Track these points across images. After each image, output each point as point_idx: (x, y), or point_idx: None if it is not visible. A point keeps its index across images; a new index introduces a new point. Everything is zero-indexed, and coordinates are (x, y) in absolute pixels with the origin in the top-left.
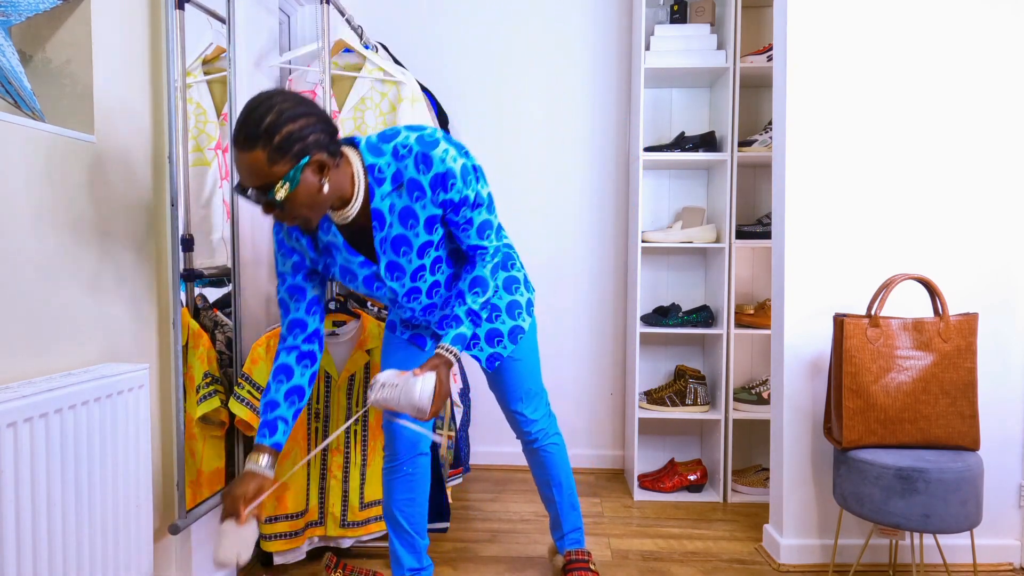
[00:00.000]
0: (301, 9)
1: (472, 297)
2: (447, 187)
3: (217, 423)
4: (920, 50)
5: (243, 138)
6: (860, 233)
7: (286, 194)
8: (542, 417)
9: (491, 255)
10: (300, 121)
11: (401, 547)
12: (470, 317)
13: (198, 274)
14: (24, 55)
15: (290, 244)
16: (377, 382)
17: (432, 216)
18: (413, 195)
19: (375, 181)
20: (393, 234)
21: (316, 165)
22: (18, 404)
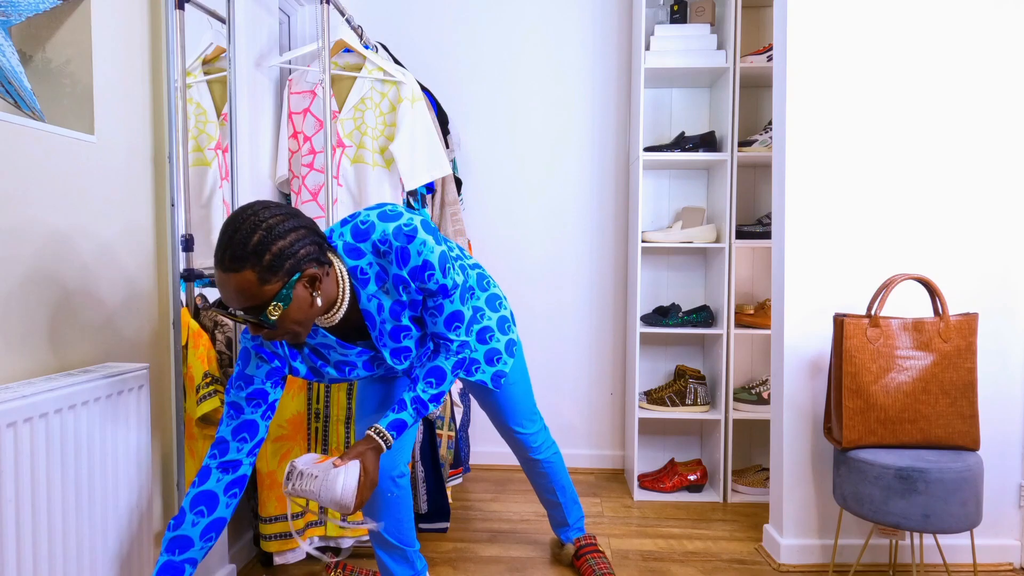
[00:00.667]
0: (301, 9)
1: (424, 385)
2: (424, 278)
3: (217, 423)
4: (920, 50)
5: (229, 259)
6: (860, 233)
7: (280, 313)
8: (539, 431)
9: (455, 351)
10: (290, 236)
11: (392, 562)
12: (415, 406)
13: (198, 274)
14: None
15: (270, 350)
16: (295, 470)
17: (416, 301)
18: (399, 288)
19: (359, 283)
20: (389, 328)
21: (308, 279)
22: (18, 404)
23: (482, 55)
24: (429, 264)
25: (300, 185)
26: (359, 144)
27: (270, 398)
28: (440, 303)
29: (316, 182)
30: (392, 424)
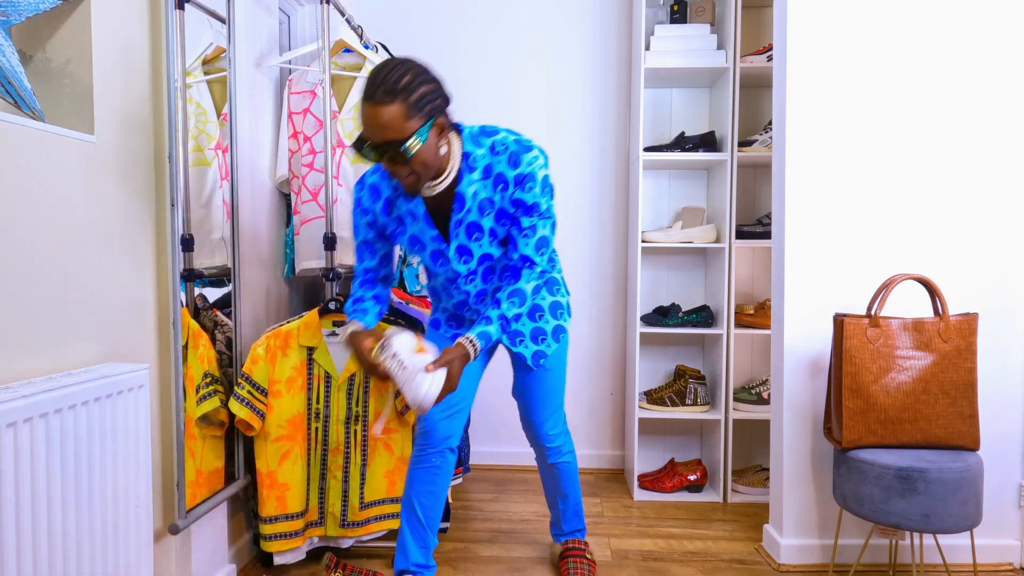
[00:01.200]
0: (301, 9)
1: (508, 305)
2: (524, 187)
3: (217, 423)
4: (920, 50)
5: (382, 93)
6: (860, 233)
7: (417, 147)
8: (560, 434)
9: (537, 274)
10: (432, 85)
11: (412, 539)
12: (500, 322)
13: (198, 274)
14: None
15: (366, 205)
16: (390, 347)
17: (504, 210)
18: (497, 187)
19: (467, 167)
20: (469, 219)
21: (439, 127)
22: (18, 404)
23: (482, 55)
24: (533, 176)
25: (300, 185)
26: None
27: (377, 250)
28: (534, 223)
29: (316, 182)
30: (480, 335)
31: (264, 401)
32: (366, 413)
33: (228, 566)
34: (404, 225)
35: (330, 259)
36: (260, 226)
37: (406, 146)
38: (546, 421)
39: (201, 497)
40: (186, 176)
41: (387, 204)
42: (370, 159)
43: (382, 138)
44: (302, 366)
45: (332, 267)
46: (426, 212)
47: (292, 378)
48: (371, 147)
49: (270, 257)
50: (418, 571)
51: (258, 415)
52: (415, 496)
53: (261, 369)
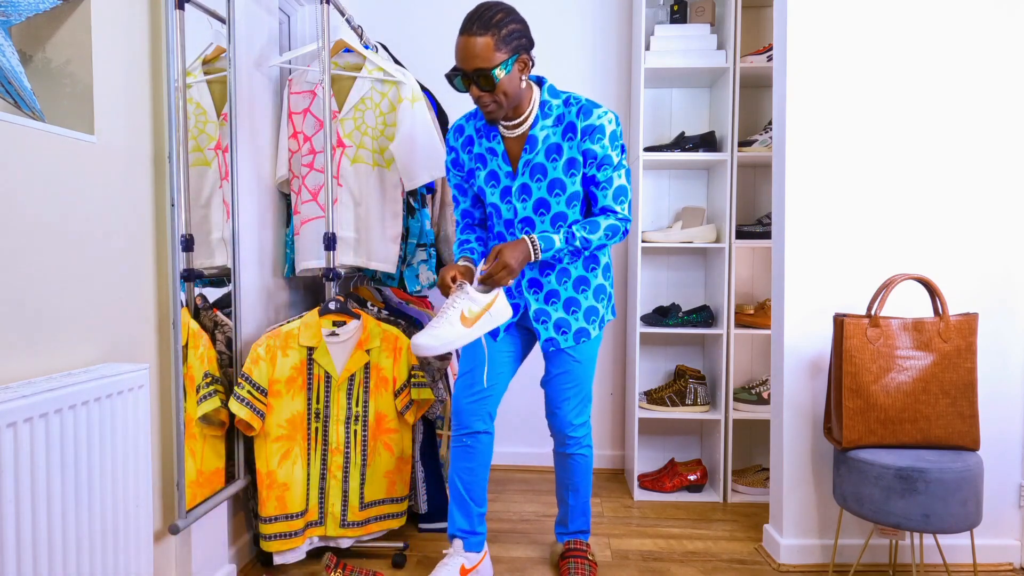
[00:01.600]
0: (301, 9)
1: (580, 227)
2: (593, 138)
3: (217, 423)
4: (920, 50)
5: (477, 26)
6: (860, 233)
7: (502, 77)
8: (583, 424)
9: (617, 218)
10: (519, 25)
11: (456, 509)
12: (567, 236)
13: (198, 274)
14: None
15: (452, 143)
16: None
17: (572, 159)
18: (566, 135)
19: (542, 114)
20: (536, 160)
21: (522, 63)
22: (18, 404)
23: None
24: (603, 129)
25: (300, 185)
26: (359, 144)
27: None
28: (610, 176)
29: (316, 182)
30: (543, 237)
31: (264, 401)
32: (366, 413)
33: (228, 566)
34: (484, 162)
35: (330, 259)
36: (260, 226)
37: (493, 72)
38: (572, 409)
39: (201, 497)
40: (186, 176)
41: (468, 141)
42: (458, 88)
43: (473, 66)
44: (302, 366)
45: (332, 267)
46: (505, 150)
47: (292, 378)
48: (462, 75)
49: (270, 257)
50: (464, 536)
51: (258, 415)
52: (454, 472)
53: (261, 369)
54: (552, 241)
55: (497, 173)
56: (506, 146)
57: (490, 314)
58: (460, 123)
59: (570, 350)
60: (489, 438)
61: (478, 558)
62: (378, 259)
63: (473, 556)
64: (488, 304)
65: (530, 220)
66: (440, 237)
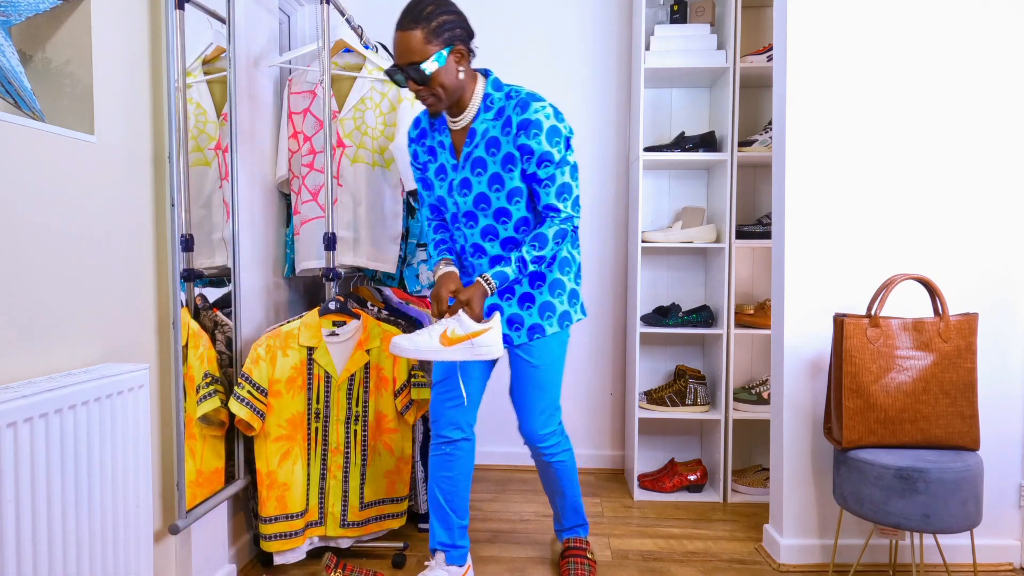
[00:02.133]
0: (301, 9)
1: (528, 248)
2: (529, 133)
3: (217, 423)
4: (920, 50)
5: (408, 21)
6: (860, 233)
7: (435, 69)
8: (552, 434)
9: (561, 219)
10: (452, 16)
11: (437, 521)
12: (518, 264)
13: (198, 274)
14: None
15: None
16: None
17: (510, 155)
18: (504, 129)
19: (484, 107)
20: (476, 154)
21: (458, 54)
22: (18, 404)
23: (482, 55)
24: (539, 124)
25: (300, 185)
26: (359, 144)
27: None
28: (552, 173)
29: (316, 182)
30: (496, 274)
31: (264, 401)
32: (366, 413)
33: (228, 566)
34: (435, 155)
35: (330, 259)
36: (260, 226)
37: (422, 66)
38: (537, 419)
39: (201, 497)
40: (186, 176)
41: (423, 134)
42: (399, 83)
43: (406, 60)
44: (302, 366)
45: (332, 267)
46: (452, 143)
47: (292, 378)
48: (399, 70)
49: (270, 257)
50: (445, 549)
51: (258, 415)
52: (433, 482)
53: (261, 369)
54: (505, 275)
55: (445, 167)
56: (452, 139)
57: (472, 344)
58: (419, 117)
59: (523, 351)
60: (469, 445)
61: (460, 572)
62: (378, 259)
63: (455, 570)
64: (473, 333)
65: (472, 215)
66: None
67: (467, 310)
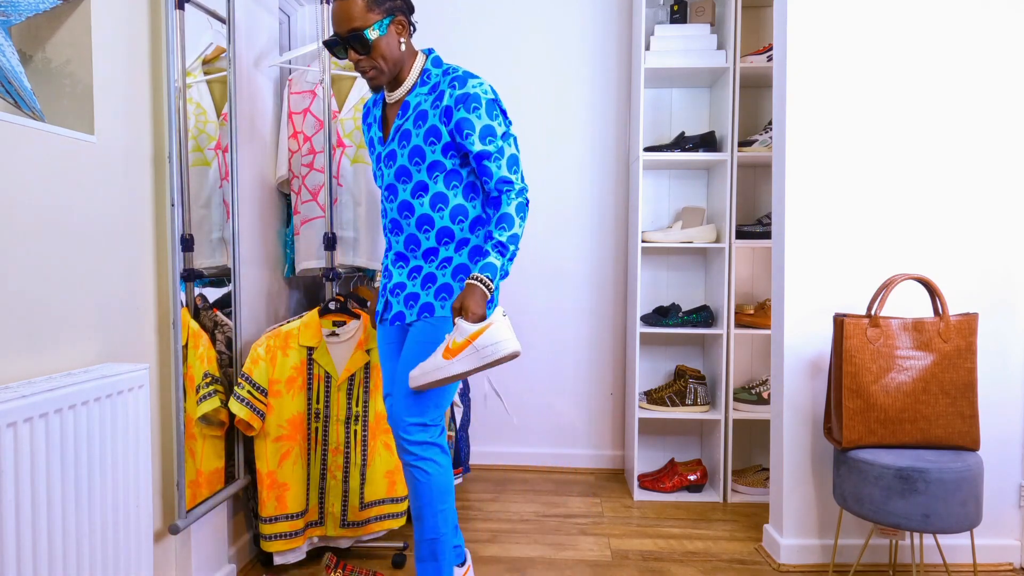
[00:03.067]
0: (301, 9)
1: (499, 232)
2: (468, 107)
3: (217, 423)
4: (920, 50)
5: None
6: (860, 233)
7: (376, 37)
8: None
9: (516, 192)
10: None
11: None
12: (497, 249)
13: (198, 274)
14: (24, 55)
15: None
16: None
17: (435, 128)
18: (434, 103)
19: (421, 82)
20: (405, 126)
21: (399, 24)
22: (18, 404)
23: (482, 55)
24: (478, 98)
25: (300, 185)
26: (359, 144)
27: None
28: (500, 146)
29: (316, 182)
30: (484, 267)
31: (264, 401)
32: (366, 413)
33: (228, 566)
34: (370, 129)
35: (330, 259)
36: (260, 226)
37: (366, 33)
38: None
39: (201, 497)
40: (186, 176)
41: (366, 112)
42: (338, 56)
43: (346, 28)
44: (302, 366)
45: (332, 267)
46: (382, 116)
47: (292, 378)
48: (340, 40)
49: (270, 257)
50: None
51: (258, 415)
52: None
53: (261, 369)
54: (492, 265)
55: (373, 140)
56: (384, 111)
57: (475, 347)
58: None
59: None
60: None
61: (461, 571)
62: (378, 259)
63: (456, 568)
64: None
65: (393, 188)
66: None
67: (465, 315)
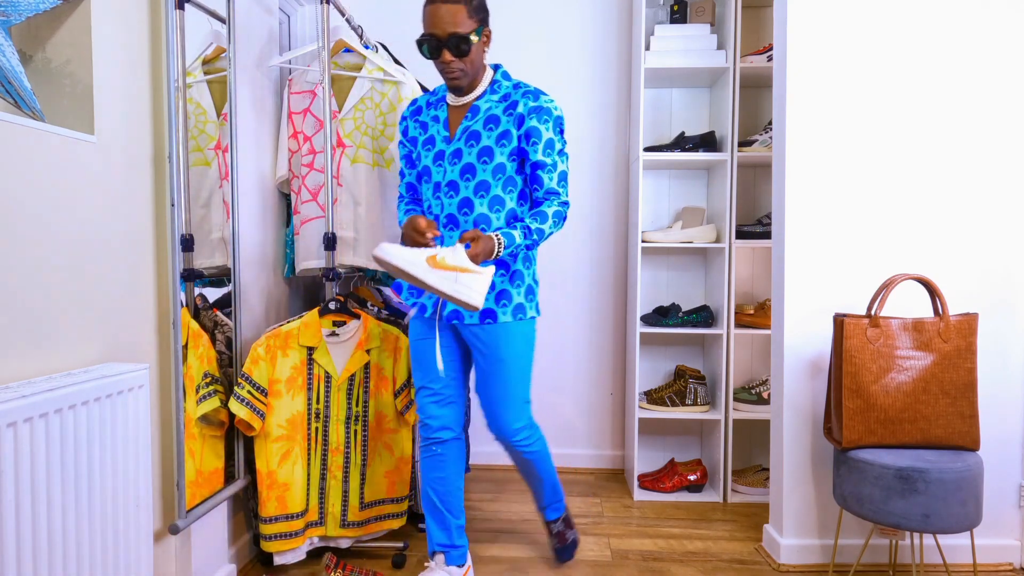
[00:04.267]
0: (301, 9)
1: (531, 219)
2: (540, 119)
3: (217, 423)
4: (920, 50)
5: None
6: (860, 233)
7: (475, 43)
8: (523, 428)
9: (559, 203)
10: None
11: (432, 522)
12: (523, 230)
13: (198, 274)
14: (24, 55)
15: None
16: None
17: (508, 132)
18: (508, 110)
19: (491, 90)
20: (474, 128)
21: (486, 35)
22: (18, 404)
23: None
24: (550, 112)
25: (300, 185)
26: (359, 144)
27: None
28: (555, 160)
29: (316, 182)
30: (505, 233)
31: (264, 401)
32: (366, 413)
33: (228, 566)
34: (425, 128)
35: (330, 259)
36: (260, 226)
37: (468, 37)
38: (505, 415)
39: (201, 497)
40: (186, 176)
41: (417, 111)
42: (425, 55)
43: (448, 31)
44: (302, 366)
45: (332, 267)
46: (446, 117)
47: (292, 378)
48: (433, 41)
49: (270, 257)
50: (445, 550)
51: (258, 415)
52: (427, 484)
53: (261, 369)
54: (513, 237)
55: (435, 138)
56: (448, 113)
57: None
58: (416, 99)
59: (472, 334)
60: (459, 444)
61: (461, 572)
62: None
63: (455, 570)
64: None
65: (455, 184)
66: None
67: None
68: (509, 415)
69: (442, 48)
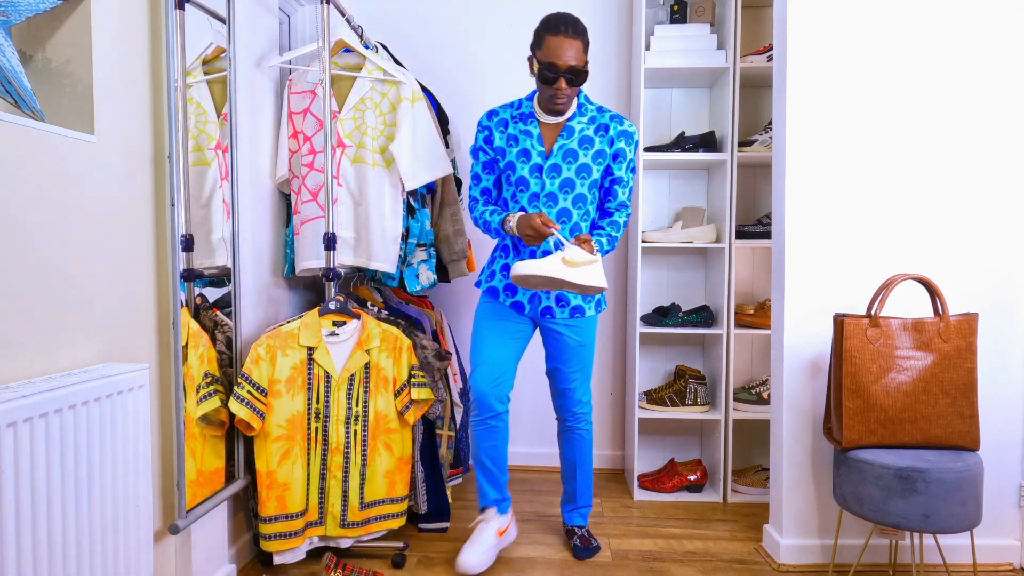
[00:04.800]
0: (301, 9)
1: (610, 228)
2: (628, 142)
3: (217, 423)
4: (920, 50)
5: (574, 31)
6: (860, 233)
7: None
8: (588, 402)
9: (627, 213)
10: None
11: (487, 483)
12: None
13: (198, 274)
14: (24, 55)
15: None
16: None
17: (602, 152)
18: (597, 131)
19: (579, 112)
20: (570, 146)
21: None
22: (18, 404)
23: (482, 54)
24: (631, 136)
25: (300, 185)
26: (359, 144)
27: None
28: (629, 177)
29: (316, 182)
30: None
31: (264, 401)
32: (366, 413)
33: (228, 566)
34: (516, 141)
35: (330, 259)
36: (260, 226)
37: (584, 71)
38: (580, 387)
39: (201, 497)
40: (186, 176)
41: (503, 123)
42: (543, 80)
43: (573, 63)
44: (302, 366)
45: (332, 267)
46: (540, 134)
47: (292, 378)
48: (554, 70)
49: (270, 257)
50: (498, 503)
51: (258, 415)
52: (482, 452)
53: (261, 369)
54: (600, 242)
55: (529, 152)
56: (542, 131)
57: (586, 271)
58: (493, 109)
59: (565, 326)
60: (507, 416)
61: (508, 521)
62: (378, 259)
63: (504, 519)
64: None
65: (554, 195)
66: (440, 237)
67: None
68: (583, 389)
69: (559, 77)
